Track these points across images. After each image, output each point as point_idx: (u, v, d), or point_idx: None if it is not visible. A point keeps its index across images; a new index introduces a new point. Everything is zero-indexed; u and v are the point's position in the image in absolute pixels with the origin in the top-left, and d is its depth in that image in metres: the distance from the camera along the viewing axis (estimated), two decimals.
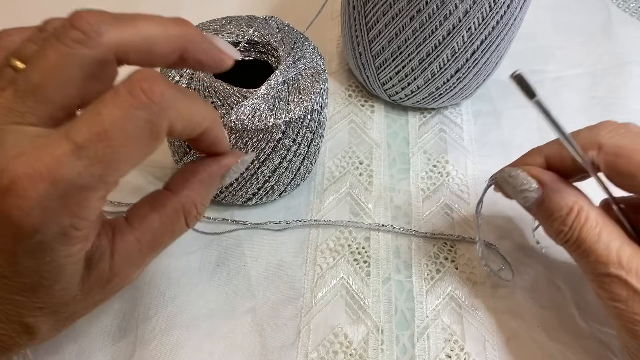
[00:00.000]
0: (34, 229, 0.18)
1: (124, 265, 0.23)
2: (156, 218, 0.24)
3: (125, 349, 0.29)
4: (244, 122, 0.29)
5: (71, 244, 0.20)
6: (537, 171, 0.28)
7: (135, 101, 0.18)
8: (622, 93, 0.45)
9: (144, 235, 0.23)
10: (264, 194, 0.34)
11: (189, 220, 0.25)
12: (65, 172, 0.18)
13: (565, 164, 0.28)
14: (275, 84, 0.31)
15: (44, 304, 0.22)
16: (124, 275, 0.24)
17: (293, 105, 0.31)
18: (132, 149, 0.19)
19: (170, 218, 0.24)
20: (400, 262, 0.34)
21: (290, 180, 0.34)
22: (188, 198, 0.24)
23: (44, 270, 0.20)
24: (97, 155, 0.18)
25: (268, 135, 0.30)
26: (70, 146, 0.18)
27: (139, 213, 0.24)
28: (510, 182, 0.28)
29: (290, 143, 0.32)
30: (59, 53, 0.19)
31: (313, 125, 0.32)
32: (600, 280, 0.26)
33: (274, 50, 0.34)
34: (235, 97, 0.30)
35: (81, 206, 0.19)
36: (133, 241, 0.23)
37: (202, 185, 0.25)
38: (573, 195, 0.27)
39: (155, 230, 0.24)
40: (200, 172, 0.25)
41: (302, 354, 0.30)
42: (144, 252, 0.24)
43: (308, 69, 0.33)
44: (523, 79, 0.23)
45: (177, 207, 0.24)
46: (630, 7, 0.54)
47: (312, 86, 0.32)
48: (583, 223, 0.26)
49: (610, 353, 0.30)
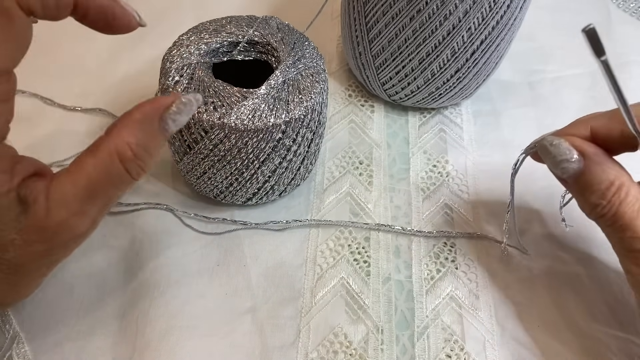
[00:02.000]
0: None
1: (61, 209, 0.23)
2: (90, 161, 0.23)
3: (125, 349, 0.29)
4: (244, 122, 0.29)
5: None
6: (580, 142, 0.27)
7: None
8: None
9: (79, 178, 0.23)
10: (264, 194, 0.34)
11: (126, 164, 0.23)
12: None
13: (612, 137, 0.27)
14: (275, 84, 0.31)
15: None
16: (62, 222, 0.23)
17: (293, 105, 0.31)
18: None
19: (104, 160, 0.23)
20: (400, 262, 0.34)
21: (290, 180, 0.34)
22: (120, 138, 0.23)
23: None
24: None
25: (268, 135, 0.30)
26: None
27: (77, 159, 0.24)
28: (551, 151, 0.27)
29: (290, 143, 0.31)
30: None
31: (313, 125, 0.32)
32: (636, 257, 0.25)
33: (274, 50, 0.34)
34: (235, 97, 0.30)
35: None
36: (68, 184, 0.23)
37: (137, 124, 0.24)
38: (615, 169, 0.26)
39: (89, 174, 0.23)
40: (133, 113, 0.24)
41: (302, 354, 0.30)
42: (81, 196, 0.23)
43: (308, 69, 0.33)
44: (595, 35, 0.22)
45: (109, 148, 0.23)
46: (630, 7, 0.54)
47: (312, 86, 0.32)
48: (623, 198, 0.25)
49: (610, 353, 0.30)
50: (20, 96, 0.41)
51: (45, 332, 0.30)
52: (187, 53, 0.32)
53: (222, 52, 0.34)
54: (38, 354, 0.29)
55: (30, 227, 0.22)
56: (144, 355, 0.29)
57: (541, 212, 0.37)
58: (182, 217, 0.35)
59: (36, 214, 0.22)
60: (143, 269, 0.32)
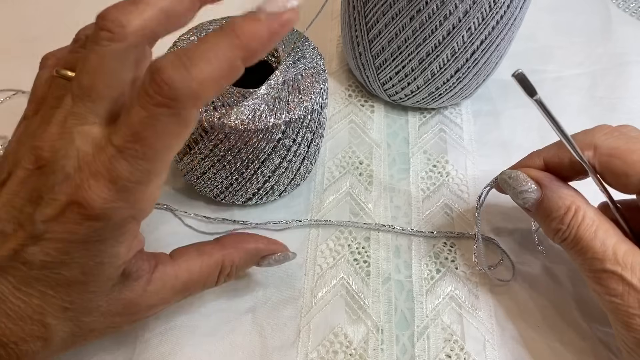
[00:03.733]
0: (97, 217, 0.20)
1: (156, 294, 0.25)
2: (198, 262, 0.26)
3: (125, 349, 0.29)
4: (244, 122, 0.29)
5: (120, 241, 0.22)
6: (536, 172, 0.29)
7: (154, 101, 0.19)
8: (622, 93, 0.45)
9: (183, 273, 0.26)
10: (264, 194, 0.34)
11: (221, 276, 0.28)
12: (118, 172, 0.20)
13: (563, 165, 0.29)
14: (275, 84, 0.31)
15: (70, 305, 0.23)
16: (150, 305, 0.25)
17: (293, 105, 0.31)
18: (166, 141, 0.20)
19: (210, 267, 0.27)
20: (400, 262, 0.34)
21: (290, 180, 0.34)
22: (231, 256, 0.27)
23: (87, 265, 0.22)
24: (138, 154, 0.20)
25: (268, 135, 0.30)
26: (114, 150, 0.20)
27: (185, 254, 0.27)
28: (510, 184, 0.29)
29: (290, 143, 0.32)
30: (98, 54, 0.21)
31: (313, 125, 0.32)
32: (597, 276, 0.26)
33: (274, 50, 0.34)
34: (235, 97, 0.30)
35: (137, 199, 0.21)
36: (172, 275, 0.25)
37: (246, 253, 0.28)
38: (570, 195, 0.28)
39: (193, 273, 0.26)
40: (249, 242, 0.28)
41: (302, 354, 0.30)
42: (176, 289, 0.26)
43: (308, 69, 0.33)
44: (524, 78, 0.24)
45: (218, 260, 0.27)
46: (630, 7, 0.54)
47: (312, 86, 0.32)
48: (580, 221, 0.27)
49: (610, 353, 0.30)
50: (20, 96, 0.41)
51: None
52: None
53: None
54: None
55: (121, 299, 0.24)
56: (144, 356, 0.29)
57: None
58: (182, 217, 0.35)
59: (134, 291, 0.24)
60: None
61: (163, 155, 0.21)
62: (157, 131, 0.20)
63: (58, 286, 0.22)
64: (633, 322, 0.25)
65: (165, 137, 0.20)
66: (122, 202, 0.20)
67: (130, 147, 0.20)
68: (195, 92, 0.19)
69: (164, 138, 0.20)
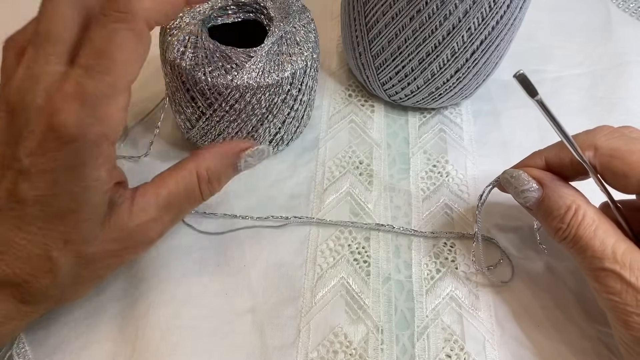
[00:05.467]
0: (73, 136, 0.22)
1: (141, 214, 0.26)
2: (173, 176, 0.28)
3: (125, 349, 0.29)
4: (255, 80, 0.31)
5: (100, 164, 0.24)
6: (537, 172, 0.29)
7: (111, 18, 0.22)
8: (622, 93, 0.45)
9: (161, 189, 0.27)
10: (275, 146, 0.37)
11: (202, 185, 0.28)
12: (85, 89, 0.22)
13: (564, 165, 0.29)
14: (275, 40, 0.33)
15: (68, 236, 0.25)
16: (141, 226, 0.26)
17: (295, 57, 0.33)
18: (125, 54, 0.23)
19: (185, 177, 0.28)
20: (400, 262, 0.34)
21: (296, 129, 0.37)
22: (204, 162, 0.28)
23: (74, 191, 0.23)
24: (102, 69, 0.22)
25: (279, 89, 0.32)
26: (81, 70, 0.22)
27: (161, 174, 0.28)
28: (512, 183, 0.30)
29: (296, 93, 0.34)
30: (51, 2, 0.23)
31: (313, 72, 0.35)
32: (596, 275, 0.27)
33: (263, 9, 0.36)
34: (242, 58, 0.32)
35: (106, 115, 0.23)
36: (151, 194, 0.27)
37: (219, 156, 0.29)
38: (571, 194, 0.28)
39: (170, 187, 0.27)
40: (217, 145, 0.29)
41: (302, 354, 0.30)
42: (160, 206, 0.27)
43: (299, 20, 0.35)
44: (525, 78, 0.24)
45: (191, 167, 0.28)
46: (630, 7, 0.54)
47: (307, 37, 0.34)
48: (580, 221, 0.27)
49: (610, 353, 0.30)
50: None
51: (46, 333, 0.30)
52: (183, 24, 0.34)
53: (214, 17, 0.36)
54: (38, 354, 0.29)
55: (113, 225, 0.26)
56: (144, 355, 0.29)
57: None
58: None
59: (121, 215, 0.26)
60: (143, 269, 0.32)
61: (123, 68, 0.23)
62: (117, 44, 0.22)
63: (54, 219, 0.24)
64: (631, 320, 0.26)
65: (124, 50, 0.23)
66: (93, 119, 0.22)
67: (94, 62, 0.22)
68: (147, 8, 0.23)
69: (122, 50, 0.23)
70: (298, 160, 0.39)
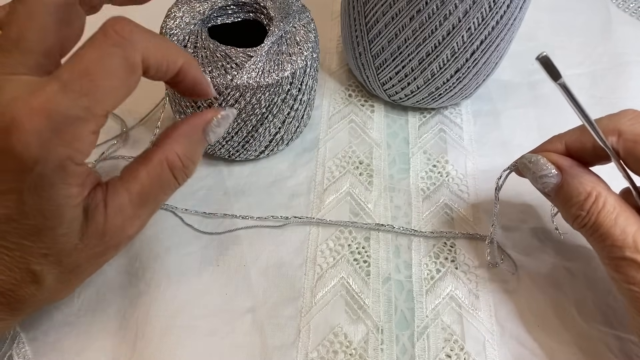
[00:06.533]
0: (35, 159, 0.20)
1: (117, 216, 0.25)
2: (143, 170, 0.26)
3: (125, 349, 0.29)
4: (255, 80, 0.31)
5: (69, 184, 0.22)
6: (557, 157, 0.29)
7: (109, 40, 0.21)
8: (622, 93, 0.45)
9: (133, 186, 0.25)
10: (275, 145, 0.37)
11: (175, 172, 0.26)
12: (56, 106, 0.20)
13: (585, 150, 0.28)
14: (275, 40, 0.33)
15: (48, 250, 0.23)
16: (118, 226, 0.25)
17: (295, 57, 0.33)
18: (112, 82, 0.21)
19: (155, 169, 0.26)
20: (400, 262, 0.34)
21: (295, 129, 0.37)
22: (171, 150, 0.26)
23: (46, 210, 0.22)
24: (82, 89, 0.20)
25: (279, 89, 0.32)
26: (58, 84, 0.20)
27: (129, 168, 0.26)
28: (530, 168, 0.29)
29: (296, 92, 0.34)
30: (26, 6, 0.21)
31: (313, 72, 0.35)
32: (616, 264, 0.26)
33: (263, 8, 0.36)
34: (242, 58, 0.32)
35: (75, 137, 0.21)
36: (123, 193, 0.25)
37: (184, 137, 0.26)
38: (591, 181, 0.27)
39: (143, 182, 0.25)
40: (180, 126, 0.26)
41: (302, 354, 0.30)
42: (135, 203, 0.25)
43: (299, 20, 0.35)
44: (548, 60, 0.23)
45: (160, 158, 0.26)
46: (630, 7, 0.54)
47: (307, 36, 0.34)
48: (600, 208, 0.26)
49: (610, 353, 0.30)
50: None
51: (46, 333, 0.30)
52: (184, 23, 0.34)
53: (214, 17, 0.36)
54: (38, 354, 0.29)
55: (91, 233, 0.24)
56: (144, 355, 0.29)
57: (540, 211, 0.37)
58: (183, 217, 0.35)
59: (97, 221, 0.24)
60: (143, 269, 0.32)
61: (105, 95, 0.21)
62: (106, 69, 0.21)
63: (30, 235, 0.23)
64: None
65: (112, 77, 0.21)
66: (57, 139, 0.20)
67: (76, 81, 0.20)
68: (147, 47, 0.22)
69: (110, 77, 0.21)
70: (298, 160, 0.39)
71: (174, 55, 0.24)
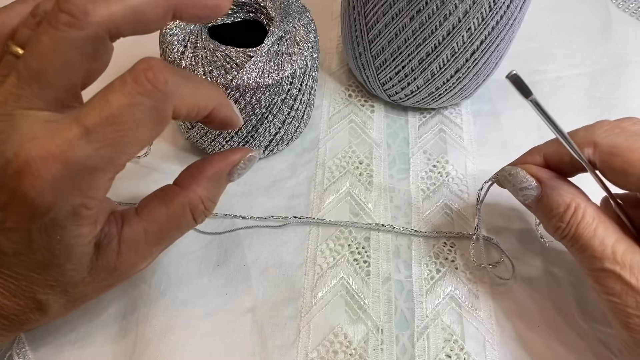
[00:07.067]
0: (47, 207, 0.20)
1: (131, 253, 0.24)
2: (163, 211, 0.25)
3: (125, 349, 0.29)
4: (255, 80, 0.31)
5: (81, 224, 0.21)
6: (536, 169, 0.29)
7: (141, 89, 0.19)
8: (622, 93, 0.45)
9: (151, 226, 0.25)
10: (275, 146, 0.37)
11: (196, 215, 0.26)
12: (76, 155, 0.19)
13: (563, 162, 0.29)
14: (275, 40, 0.33)
15: (55, 282, 0.23)
16: (130, 264, 0.25)
17: (295, 57, 0.33)
18: (139, 133, 0.20)
19: (177, 212, 0.25)
20: (400, 262, 0.34)
21: (295, 129, 0.37)
22: (195, 194, 0.25)
23: (55, 248, 0.21)
24: (106, 139, 0.19)
25: (279, 89, 0.32)
26: (81, 130, 0.19)
27: (148, 205, 0.25)
28: (510, 180, 0.29)
29: (296, 93, 0.34)
30: (52, 38, 0.19)
31: (313, 72, 0.35)
32: (596, 275, 0.26)
33: (263, 9, 0.36)
34: (242, 58, 0.32)
35: (91, 187, 0.20)
36: (140, 231, 0.24)
37: (209, 181, 0.26)
38: (570, 192, 0.28)
39: (161, 223, 0.25)
40: (207, 169, 0.26)
41: (302, 354, 0.30)
42: (150, 242, 0.25)
43: (299, 20, 0.35)
44: (518, 79, 0.24)
45: (183, 202, 0.25)
46: (630, 7, 0.54)
47: (307, 36, 0.34)
48: (580, 219, 0.27)
49: (610, 353, 0.30)
50: None
51: (46, 333, 0.30)
52: (183, 23, 0.33)
53: None
54: (38, 354, 0.29)
55: (101, 267, 0.24)
56: (144, 355, 0.29)
57: None
58: None
59: (109, 256, 0.24)
60: (143, 269, 0.32)
61: (130, 147, 0.20)
62: (134, 120, 0.19)
63: (37, 269, 0.22)
64: (631, 322, 0.25)
65: (140, 129, 0.20)
66: (72, 189, 0.19)
67: (100, 130, 0.19)
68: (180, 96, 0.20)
69: (138, 129, 0.20)
70: (298, 160, 0.39)
71: (206, 100, 0.23)
